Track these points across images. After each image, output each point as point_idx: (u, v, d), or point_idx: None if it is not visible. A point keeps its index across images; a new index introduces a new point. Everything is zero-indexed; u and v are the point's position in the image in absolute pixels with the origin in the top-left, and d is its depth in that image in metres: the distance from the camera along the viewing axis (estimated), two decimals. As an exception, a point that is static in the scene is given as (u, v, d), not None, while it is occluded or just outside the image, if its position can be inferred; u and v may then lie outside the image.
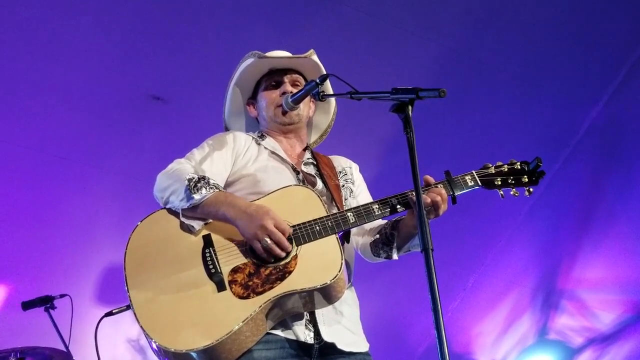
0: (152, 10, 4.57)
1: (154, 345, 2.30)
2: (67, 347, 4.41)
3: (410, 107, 2.26)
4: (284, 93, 2.83)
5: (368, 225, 2.77)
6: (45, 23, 4.42)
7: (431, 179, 2.62)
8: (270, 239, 2.35)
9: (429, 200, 2.51)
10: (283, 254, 2.38)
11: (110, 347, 5.07)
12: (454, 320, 6.37)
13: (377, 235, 2.76)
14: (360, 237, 2.84)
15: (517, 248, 6.28)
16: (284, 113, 2.82)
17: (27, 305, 4.55)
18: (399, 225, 2.68)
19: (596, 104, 5.79)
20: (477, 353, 6.58)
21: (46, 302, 4.54)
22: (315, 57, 2.91)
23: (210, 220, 2.49)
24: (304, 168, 2.81)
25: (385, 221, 2.78)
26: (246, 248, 2.44)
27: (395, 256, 2.73)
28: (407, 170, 2.20)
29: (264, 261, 2.39)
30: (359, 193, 2.91)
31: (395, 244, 2.69)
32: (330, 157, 2.98)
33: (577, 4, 5.22)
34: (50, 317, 4.52)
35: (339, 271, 2.36)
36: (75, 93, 4.68)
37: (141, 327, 2.30)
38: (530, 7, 5.21)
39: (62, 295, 4.59)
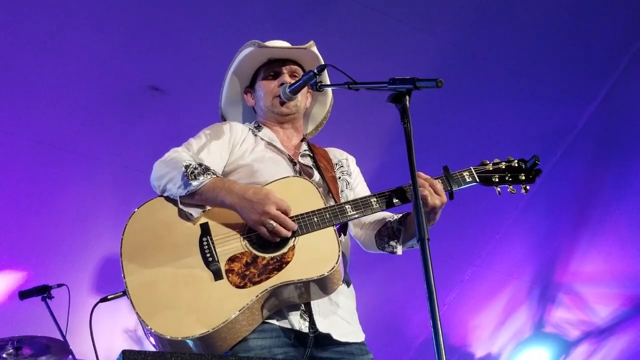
0: (151, 1, 4.56)
1: (150, 336, 2.30)
2: (64, 337, 4.42)
3: (407, 98, 2.27)
4: (282, 84, 2.81)
5: (369, 218, 2.77)
6: (43, 15, 4.41)
7: (423, 175, 2.59)
8: (275, 221, 2.36)
9: (425, 192, 2.51)
10: (289, 234, 2.39)
11: (107, 336, 5.09)
12: (450, 313, 6.38)
13: (383, 229, 2.75)
14: (362, 229, 2.83)
15: (514, 241, 6.29)
16: (282, 103, 2.81)
17: (24, 295, 4.55)
18: (406, 220, 2.67)
19: (593, 99, 5.79)
20: (473, 346, 6.60)
21: (43, 292, 4.55)
22: (314, 49, 2.89)
23: (208, 208, 2.49)
24: (300, 159, 2.80)
25: (391, 214, 2.78)
26: (244, 237, 2.44)
27: (399, 251, 2.72)
28: (406, 164, 2.20)
29: (262, 249, 2.40)
30: (356, 185, 2.90)
31: (401, 239, 2.68)
32: (326, 149, 2.97)
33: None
34: (48, 306, 4.52)
35: (336, 263, 2.37)
36: (74, 84, 4.67)
37: (136, 313, 2.31)
38: (527, 2, 5.21)
39: (59, 285, 4.59)
